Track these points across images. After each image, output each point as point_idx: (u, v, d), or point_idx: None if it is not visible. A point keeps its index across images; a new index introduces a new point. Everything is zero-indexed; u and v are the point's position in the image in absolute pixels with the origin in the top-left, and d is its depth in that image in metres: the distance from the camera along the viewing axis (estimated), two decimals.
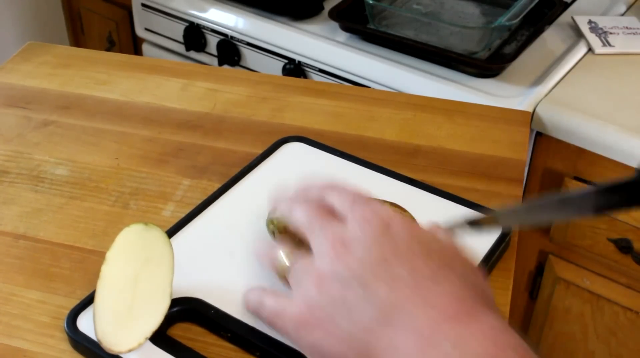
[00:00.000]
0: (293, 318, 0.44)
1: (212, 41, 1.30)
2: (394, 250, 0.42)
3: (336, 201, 0.47)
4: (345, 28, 1.17)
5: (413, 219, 0.53)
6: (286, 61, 1.20)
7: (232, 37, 1.27)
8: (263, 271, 0.54)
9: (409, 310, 0.40)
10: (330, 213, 0.47)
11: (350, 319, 0.41)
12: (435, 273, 0.41)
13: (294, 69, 1.19)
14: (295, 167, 0.67)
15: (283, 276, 0.47)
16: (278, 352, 0.49)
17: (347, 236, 0.44)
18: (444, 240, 0.45)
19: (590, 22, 1.15)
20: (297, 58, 1.19)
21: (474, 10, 1.22)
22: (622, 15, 1.20)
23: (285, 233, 0.52)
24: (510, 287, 0.56)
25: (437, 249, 0.43)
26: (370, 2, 1.13)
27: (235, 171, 0.66)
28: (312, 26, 1.20)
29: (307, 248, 0.46)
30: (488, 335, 0.38)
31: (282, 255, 0.48)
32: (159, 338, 0.50)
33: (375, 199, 0.56)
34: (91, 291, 0.53)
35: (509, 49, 1.13)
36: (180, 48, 1.37)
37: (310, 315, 0.43)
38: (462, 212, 0.61)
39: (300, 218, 0.48)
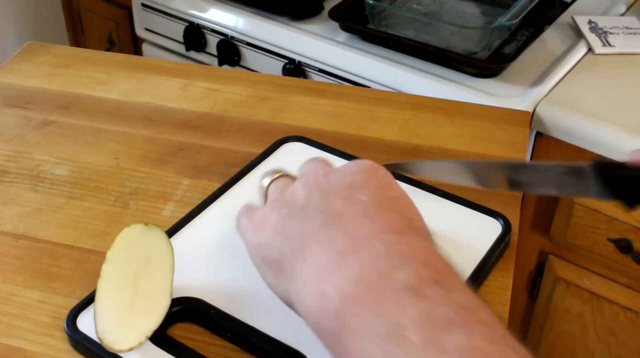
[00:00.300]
0: (253, 220, 0.47)
1: (212, 41, 1.31)
2: (364, 183, 0.44)
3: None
4: (345, 28, 1.17)
5: None
6: (286, 61, 1.20)
7: (232, 37, 1.27)
8: None
9: (354, 220, 0.41)
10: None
11: (301, 222, 0.43)
12: (390, 206, 0.43)
13: (294, 69, 1.19)
14: (295, 167, 0.66)
15: (265, 196, 0.50)
16: (278, 352, 0.49)
17: (333, 172, 0.46)
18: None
19: (590, 22, 1.15)
20: (297, 58, 1.19)
21: (474, 10, 1.22)
22: (622, 15, 1.20)
23: None
24: (510, 287, 0.56)
25: (405, 202, 0.45)
26: (370, 2, 1.13)
27: (235, 171, 0.66)
28: (312, 26, 1.20)
29: None
30: (422, 245, 0.40)
31: (268, 179, 0.51)
32: (159, 337, 0.50)
33: None
34: (91, 291, 0.53)
35: (509, 49, 1.13)
36: (180, 48, 1.37)
37: (267, 218, 0.45)
38: (462, 212, 0.61)
39: (304, 166, 0.50)
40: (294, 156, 0.68)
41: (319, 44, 1.16)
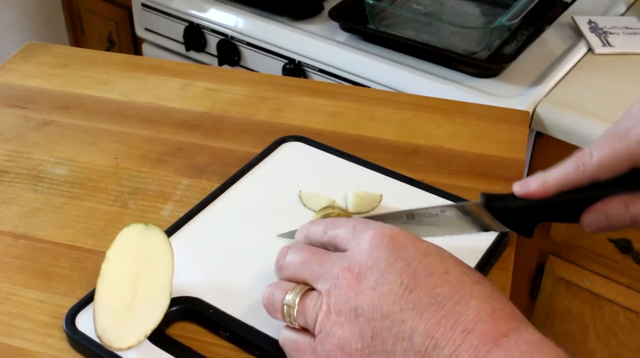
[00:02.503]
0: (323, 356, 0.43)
1: (212, 41, 1.31)
2: (409, 273, 0.41)
3: (338, 232, 0.46)
4: (345, 28, 1.17)
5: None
6: (286, 61, 1.20)
7: (232, 37, 1.27)
8: (262, 270, 0.55)
9: (448, 339, 0.39)
10: (325, 251, 0.46)
11: (384, 352, 0.40)
12: (456, 290, 0.40)
13: (294, 69, 1.19)
14: (294, 167, 0.67)
15: (289, 314, 0.45)
16: (277, 352, 0.49)
17: (356, 266, 0.42)
18: (441, 249, 0.44)
19: (590, 22, 1.15)
20: (297, 58, 1.19)
21: (474, 10, 1.22)
22: (622, 15, 1.20)
23: None
24: (509, 286, 0.56)
25: (446, 259, 0.43)
26: (370, 2, 1.13)
27: (234, 170, 0.66)
28: (312, 26, 1.20)
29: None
30: (527, 354, 0.38)
31: (287, 293, 0.45)
32: (158, 337, 0.50)
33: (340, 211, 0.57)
34: (90, 290, 0.53)
35: (509, 49, 1.13)
36: (180, 48, 1.37)
37: (343, 353, 0.41)
38: None
39: (291, 265, 0.46)
40: (293, 156, 0.68)
41: (319, 44, 1.16)
